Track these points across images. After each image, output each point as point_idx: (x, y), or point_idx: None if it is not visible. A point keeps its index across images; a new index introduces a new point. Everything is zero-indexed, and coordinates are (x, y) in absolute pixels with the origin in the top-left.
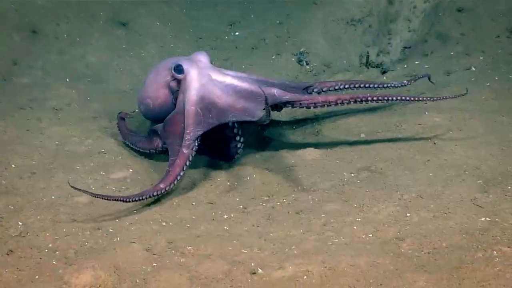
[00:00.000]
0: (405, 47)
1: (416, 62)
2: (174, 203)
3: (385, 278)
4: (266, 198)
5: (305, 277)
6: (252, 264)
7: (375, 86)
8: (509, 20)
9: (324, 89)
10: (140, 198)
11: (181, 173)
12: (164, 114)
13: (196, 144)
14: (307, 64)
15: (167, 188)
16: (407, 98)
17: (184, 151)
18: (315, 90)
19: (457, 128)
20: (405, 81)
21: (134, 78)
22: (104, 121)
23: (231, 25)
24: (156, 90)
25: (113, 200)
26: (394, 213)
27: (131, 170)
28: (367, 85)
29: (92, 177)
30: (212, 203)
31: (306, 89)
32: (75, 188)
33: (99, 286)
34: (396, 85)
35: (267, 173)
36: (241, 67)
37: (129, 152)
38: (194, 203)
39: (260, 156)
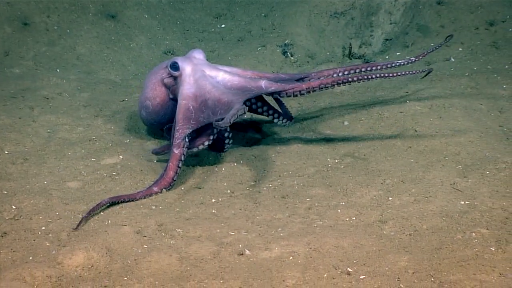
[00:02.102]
0: (387, 39)
1: (397, 54)
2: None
3: (368, 258)
4: (252, 183)
5: (291, 257)
6: (240, 245)
7: (379, 67)
8: (488, 13)
9: (322, 79)
10: (132, 199)
11: (175, 177)
12: (164, 114)
13: (187, 140)
14: (291, 56)
15: (160, 192)
16: (386, 75)
17: (175, 151)
18: (312, 80)
19: (437, 116)
20: (413, 58)
21: (123, 69)
22: (94, 110)
23: (217, 17)
24: (153, 90)
25: (105, 203)
26: (377, 197)
27: (121, 157)
28: (369, 68)
29: (83, 163)
30: (200, 188)
31: (302, 80)
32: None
33: (92, 266)
34: (403, 63)
35: (254, 159)
36: (227, 59)
37: (119, 139)
38: (182, 188)
39: (247, 143)
